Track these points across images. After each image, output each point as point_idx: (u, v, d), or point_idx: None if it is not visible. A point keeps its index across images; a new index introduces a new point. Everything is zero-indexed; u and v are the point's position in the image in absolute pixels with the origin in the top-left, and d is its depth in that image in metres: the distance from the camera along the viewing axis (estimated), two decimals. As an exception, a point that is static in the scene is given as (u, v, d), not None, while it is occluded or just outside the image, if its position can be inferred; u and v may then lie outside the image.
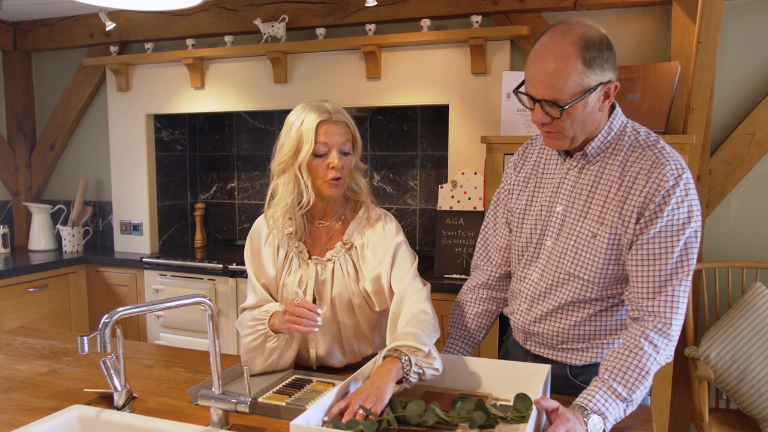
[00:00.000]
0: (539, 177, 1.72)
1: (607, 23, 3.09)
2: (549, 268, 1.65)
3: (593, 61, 1.43)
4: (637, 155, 1.53)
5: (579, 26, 1.46)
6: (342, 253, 1.82)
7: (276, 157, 1.78)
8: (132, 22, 3.91)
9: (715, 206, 2.97)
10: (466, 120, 3.23)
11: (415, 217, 3.77)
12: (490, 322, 1.87)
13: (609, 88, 1.49)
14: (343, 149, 1.75)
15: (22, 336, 2.26)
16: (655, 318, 1.48)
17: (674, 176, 1.47)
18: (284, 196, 1.77)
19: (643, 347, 1.45)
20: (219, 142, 4.30)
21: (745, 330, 2.63)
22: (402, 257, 1.81)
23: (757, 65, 2.90)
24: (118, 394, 1.55)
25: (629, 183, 1.52)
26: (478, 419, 1.40)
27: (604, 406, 1.40)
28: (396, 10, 3.34)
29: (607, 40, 1.47)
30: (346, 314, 1.82)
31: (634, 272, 1.51)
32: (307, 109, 1.74)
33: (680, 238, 1.47)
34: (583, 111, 1.48)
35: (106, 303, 3.95)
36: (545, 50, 1.46)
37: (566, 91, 1.44)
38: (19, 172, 4.45)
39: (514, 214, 1.76)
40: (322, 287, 1.81)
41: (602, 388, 1.43)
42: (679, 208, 1.47)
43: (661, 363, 1.48)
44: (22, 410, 1.60)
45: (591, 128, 1.54)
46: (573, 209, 1.60)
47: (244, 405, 1.41)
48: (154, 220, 4.05)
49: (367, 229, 1.83)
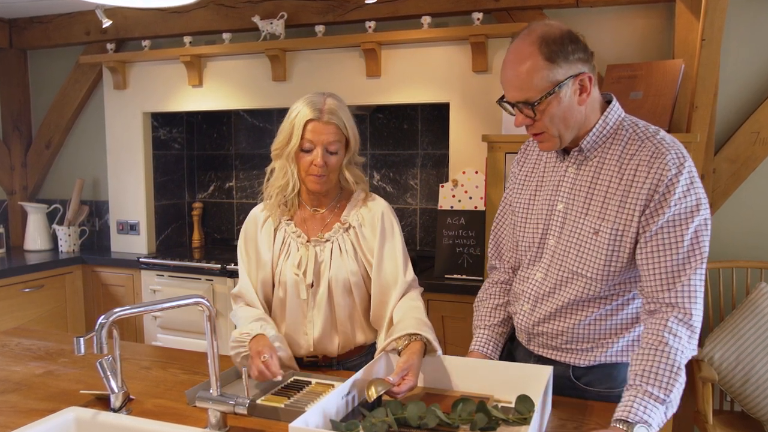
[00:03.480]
0: (540, 176, 1.71)
1: (609, 20, 3.08)
2: (553, 267, 1.63)
3: (555, 55, 1.46)
4: (636, 147, 1.52)
5: (539, 27, 1.51)
6: (340, 232, 1.88)
7: (275, 141, 1.89)
8: (129, 19, 3.89)
9: (719, 205, 2.96)
10: (467, 118, 3.21)
11: (415, 216, 3.75)
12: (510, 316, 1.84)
13: (582, 79, 1.50)
14: (330, 149, 1.81)
15: (18, 337, 2.26)
16: (674, 309, 1.44)
17: (676, 165, 1.46)
18: (277, 178, 1.89)
19: (668, 342, 1.40)
20: (217, 140, 4.27)
21: (750, 331, 2.61)
22: (390, 227, 1.91)
23: (761, 63, 2.89)
24: (114, 396, 1.54)
25: (630, 176, 1.50)
26: (479, 421, 1.39)
27: (645, 413, 1.35)
28: (396, 7, 3.32)
29: (571, 35, 1.49)
30: (342, 295, 1.87)
31: (645, 265, 1.49)
32: (305, 103, 1.84)
33: (689, 227, 1.45)
34: (559, 106, 1.49)
35: (102, 303, 3.93)
36: (509, 55, 1.52)
37: (534, 89, 1.48)
38: (15, 171, 4.43)
39: (517, 213, 1.74)
40: (321, 268, 1.86)
41: (638, 395, 1.38)
42: (686, 197, 1.45)
43: (688, 356, 1.43)
44: (18, 412, 1.59)
45: (576, 123, 1.54)
46: (574, 206, 1.59)
47: (242, 407, 1.41)
48: (151, 219, 4.03)
49: (362, 209, 1.91)
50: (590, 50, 1.53)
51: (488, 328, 1.79)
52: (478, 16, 3.10)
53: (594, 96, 1.54)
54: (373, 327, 1.94)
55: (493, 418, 1.40)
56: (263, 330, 1.75)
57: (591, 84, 1.51)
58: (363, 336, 1.93)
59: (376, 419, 1.38)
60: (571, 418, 1.54)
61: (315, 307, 1.87)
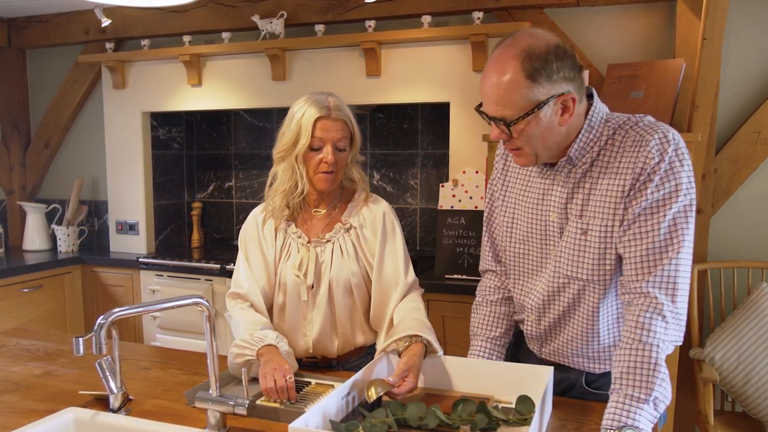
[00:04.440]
0: (525, 183, 1.65)
1: (610, 19, 3.08)
2: (552, 275, 1.60)
3: (538, 73, 1.37)
4: (621, 139, 1.47)
5: (525, 38, 1.41)
6: (341, 233, 1.88)
7: (277, 145, 1.87)
8: (128, 18, 3.88)
9: (720, 205, 2.95)
10: (468, 118, 3.20)
11: (415, 216, 3.74)
12: (513, 323, 1.81)
13: (566, 100, 1.42)
14: (339, 145, 1.82)
15: (17, 337, 2.25)
16: (645, 298, 1.40)
17: (659, 152, 1.41)
18: (282, 182, 1.86)
19: (641, 338, 1.38)
20: (216, 140, 4.26)
21: (751, 331, 2.61)
22: (391, 228, 1.91)
23: (763, 62, 2.88)
24: (113, 397, 1.53)
25: (614, 169, 1.46)
26: (479, 422, 1.38)
27: (630, 417, 1.33)
28: (396, 6, 3.31)
29: (558, 50, 1.40)
30: (342, 295, 1.86)
31: (623, 255, 1.46)
32: (309, 102, 1.83)
33: (666, 213, 1.40)
34: (537, 127, 1.42)
35: (101, 304, 3.91)
36: (490, 66, 1.43)
37: (512, 107, 1.40)
38: (14, 171, 4.42)
39: (501, 222, 1.70)
40: (322, 269, 1.86)
41: (619, 400, 1.36)
42: (664, 183, 1.40)
43: (668, 346, 1.39)
44: (17, 413, 1.59)
45: (555, 144, 1.48)
46: (568, 213, 1.55)
47: (241, 407, 1.40)
48: (150, 219, 4.01)
49: (363, 209, 1.91)
50: (579, 65, 1.44)
51: (490, 340, 1.76)
52: (478, 15, 3.09)
53: (578, 111, 1.46)
54: (372, 328, 1.94)
55: (493, 418, 1.40)
56: (278, 342, 1.71)
57: (574, 105, 1.43)
58: (363, 337, 1.92)
59: (376, 420, 1.37)
60: (572, 418, 1.53)
61: (315, 308, 1.86)
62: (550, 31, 1.46)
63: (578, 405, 1.61)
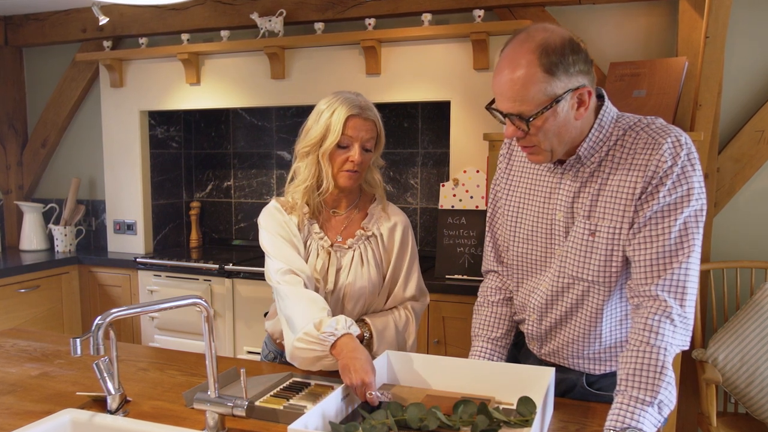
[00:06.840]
0: (529, 180, 1.64)
1: (612, 18, 3.07)
2: (557, 275, 1.59)
3: (555, 67, 1.37)
4: (631, 140, 1.47)
5: (539, 32, 1.40)
6: (362, 240, 1.89)
7: (301, 141, 1.86)
8: (126, 16, 3.87)
9: (723, 205, 2.94)
10: (468, 117, 3.19)
11: (415, 216, 3.73)
12: (514, 324, 1.79)
13: (582, 93, 1.41)
14: (366, 146, 1.84)
15: (13, 338, 2.24)
16: (655, 302, 1.40)
17: (672, 155, 1.40)
18: (305, 179, 1.84)
19: (649, 341, 1.37)
20: (215, 139, 4.24)
21: (754, 332, 2.59)
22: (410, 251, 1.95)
23: (766, 60, 2.87)
24: (111, 398, 1.53)
25: (624, 171, 1.46)
26: (480, 423, 1.37)
27: (634, 419, 1.32)
28: (396, 4, 3.30)
29: (573, 44, 1.40)
30: (354, 302, 1.87)
31: (632, 258, 1.45)
32: (340, 100, 1.82)
33: (678, 218, 1.40)
34: (554, 122, 1.42)
35: (99, 304, 3.90)
36: (504, 62, 1.42)
37: (530, 103, 1.39)
38: (10, 170, 4.40)
39: (505, 221, 1.69)
40: (339, 275, 1.87)
41: (624, 401, 1.35)
42: (677, 188, 1.40)
43: (676, 350, 1.39)
44: (14, 414, 1.58)
45: (570, 138, 1.47)
46: (574, 212, 1.54)
47: (240, 408, 1.40)
48: (148, 219, 4.00)
49: (383, 218, 1.93)
50: (590, 59, 1.45)
51: (491, 341, 1.74)
52: (479, 13, 3.08)
53: (590, 107, 1.46)
54: None
55: (494, 420, 1.39)
56: (350, 328, 1.66)
57: (590, 98, 1.43)
58: None
59: (376, 421, 1.36)
60: (573, 420, 1.53)
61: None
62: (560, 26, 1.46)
63: (579, 406, 1.60)
